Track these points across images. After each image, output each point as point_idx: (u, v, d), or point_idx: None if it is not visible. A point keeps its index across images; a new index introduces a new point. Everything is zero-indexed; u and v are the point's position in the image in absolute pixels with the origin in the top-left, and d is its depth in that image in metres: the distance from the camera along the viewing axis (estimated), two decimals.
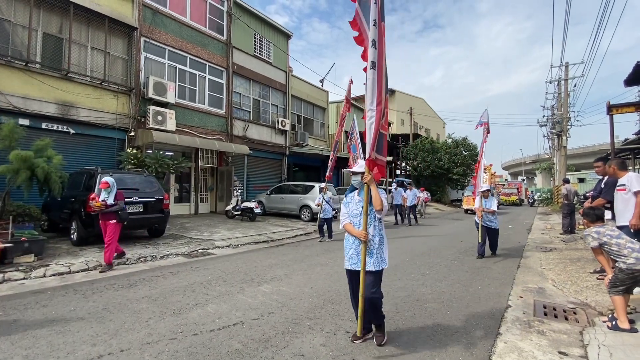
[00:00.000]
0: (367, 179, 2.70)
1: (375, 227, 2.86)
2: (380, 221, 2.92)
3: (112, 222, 5.60)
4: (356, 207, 2.93)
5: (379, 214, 2.83)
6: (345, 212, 3.01)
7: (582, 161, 46.02)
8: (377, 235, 2.87)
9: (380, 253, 2.87)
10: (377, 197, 2.70)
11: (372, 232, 2.83)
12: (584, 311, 3.79)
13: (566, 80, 21.07)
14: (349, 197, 3.04)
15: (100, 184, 5.70)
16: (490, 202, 6.83)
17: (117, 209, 5.64)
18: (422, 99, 38.24)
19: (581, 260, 6.23)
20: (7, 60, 8.58)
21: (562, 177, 20.28)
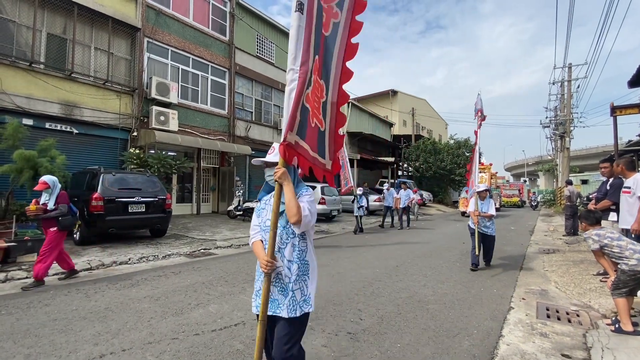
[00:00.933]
0: (277, 174, 1.76)
1: (295, 248, 1.88)
2: (306, 239, 1.93)
3: (52, 230, 4.72)
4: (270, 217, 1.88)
5: (297, 228, 1.82)
6: (257, 225, 2.01)
7: (586, 162, 45.80)
8: (297, 261, 1.86)
9: (301, 289, 1.88)
10: (292, 203, 1.74)
11: (290, 255, 1.86)
12: (587, 313, 3.76)
13: (569, 81, 20.99)
14: (263, 201, 2.04)
15: (38, 184, 4.78)
16: (487, 205, 5.94)
17: (57, 215, 4.71)
18: (424, 100, 38.18)
19: (584, 263, 6.19)
20: (12, 60, 8.63)
21: (565, 178, 20.18)
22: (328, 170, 2.10)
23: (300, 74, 1.78)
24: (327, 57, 2.02)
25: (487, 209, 5.89)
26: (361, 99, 28.82)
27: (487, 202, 5.96)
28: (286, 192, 1.77)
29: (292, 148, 1.78)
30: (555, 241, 9.28)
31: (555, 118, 23.22)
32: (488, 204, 5.95)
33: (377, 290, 4.57)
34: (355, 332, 3.21)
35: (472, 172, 6.53)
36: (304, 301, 1.88)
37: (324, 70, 1.99)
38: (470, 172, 6.62)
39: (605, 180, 5.51)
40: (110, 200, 7.01)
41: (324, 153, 2.02)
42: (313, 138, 1.91)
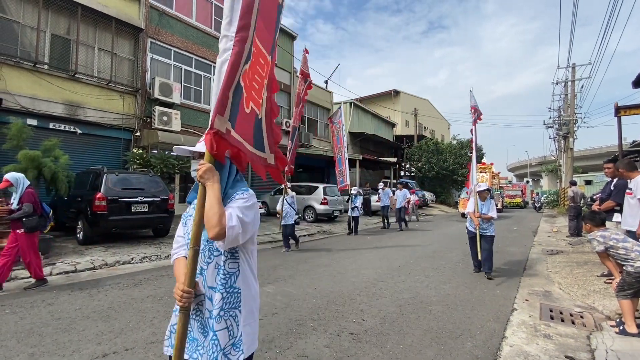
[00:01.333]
0: (199, 172, 1.30)
1: (219, 269, 1.35)
2: (237, 258, 1.39)
3: (20, 232, 4.41)
4: None
5: (221, 244, 1.30)
6: (181, 236, 1.58)
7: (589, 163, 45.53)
8: (221, 288, 1.33)
9: (228, 329, 1.34)
10: (212, 210, 1.24)
11: (212, 280, 1.35)
12: (591, 315, 3.74)
13: (573, 81, 20.88)
14: (192, 205, 1.50)
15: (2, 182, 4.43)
16: (488, 206, 5.51)
17: (20, 216, 4.35)
18: (426, 100, 38.10)
19: (588, 264, 6.15)
20: (16, 61, 8.69)
21: (569, 179, 20.08)
22: (271, 166, 1.70)
23: (236, 42, 1.39)
24: (269, 25, 1.61)
25: (487, 211, 5.46)
26: (363, 99, 28.79)
27: (487, 203, 5.55)
28: (208, 196, 1.27)
29: (221, 137, 1.34)
30: (559, 242, 9.23)
31: (559, 118, 23.09)
32: (489, 205, 5.54)
33: (379, 291, 4.56)
34: (358, 333, 3.21)
35: (471, 170, 6.37)
36: (232, 346, 1.33)
37: (268, 42, 1.60)
38: (469, 171, 6.46)
39: (609, 180, 5.48)
40: (113, 200, 7.04)
41: (263, 146, 1.62)
42: (248, 127, 1.48)
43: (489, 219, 5.45)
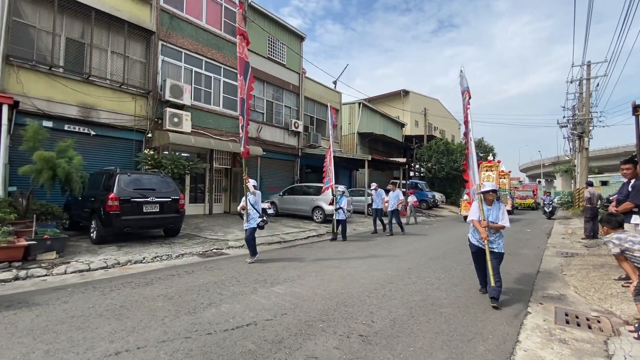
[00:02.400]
0: None
1: None
2: None
3: None
4: None
5: None
6: None
7: (605, 163, 44.38)
8: None
9: None
10: None
11: None
12: (608, 320, 3.63)
13: (588, 79, 20.40)
14: None
15: None
16: (496, 211, 4.23)
17: None
18: (436, 100, 37.73)
19: (605, 267, 5.99)
20: (32, 64, 8.91)
21: (584, 179, 19.60)
22: None
23: None
24: None
25: (495, 218, 4.20)
26: (372, 99, 28.68)
27: (495, 208, 4.28)
28: None
29: None
30: (574, 244, 9.01)
31: (573, 117, 22.58)
32: (497, 210, 4.26)
33: (389, 293, 4.52)
34: (367, 335, 3.18)
35: (469, 167, 4.86)
36: None
37: None
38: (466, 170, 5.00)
39: (626, 181, 5.31)
40: (125, 200, 7.16)
41: None
42: None
43: (499, 229, 4.18)
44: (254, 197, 6.62)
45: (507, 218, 4.14)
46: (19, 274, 4.97)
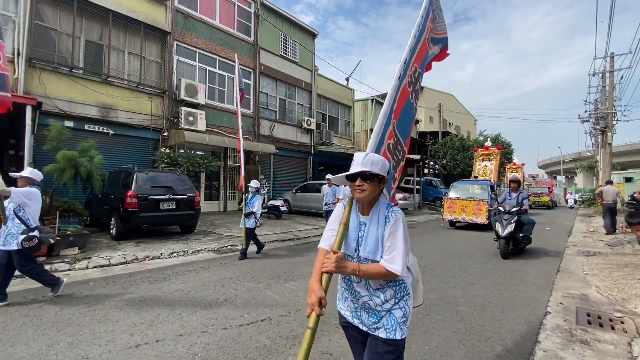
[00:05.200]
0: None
1: None
2: None
3: None
4: None
5: None
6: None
7: (630, 159, 42.64)
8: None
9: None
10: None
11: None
12: (632, 321, 3.50)
13: (611, 72, 19.61)
14: None
15: None
16: (375, 231, 1.53)
17: None
18: (451, 95, 37.06)
19: (629, 266, 5.77)
20: (54, 66, 9.21)
21: (607, 176, 18.90)
22: None
23: None
24: None
25: (372, 248, 1.55)
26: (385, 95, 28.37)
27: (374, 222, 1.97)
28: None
29: None
30: (596, 243, 8.72)
31: (596, 112, 21.78)
32: (379, 228, 1.60)
33: None
34: None
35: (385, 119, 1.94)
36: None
37: None
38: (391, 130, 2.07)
39: None
40: (143, 197, 7.34)
41: None
42: None
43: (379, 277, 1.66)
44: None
45: (401, 251, 1.47)
46: None
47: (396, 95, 1.87)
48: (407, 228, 1.53)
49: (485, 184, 11.87)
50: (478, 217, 10.95)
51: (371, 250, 1.51)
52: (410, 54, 2.02)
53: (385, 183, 1.57)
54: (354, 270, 1.46)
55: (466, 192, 11.66)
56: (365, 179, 1.50)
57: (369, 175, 1.49)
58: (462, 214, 11.32)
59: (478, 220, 10.93)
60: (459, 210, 11.42)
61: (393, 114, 1.85)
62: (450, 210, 11.67)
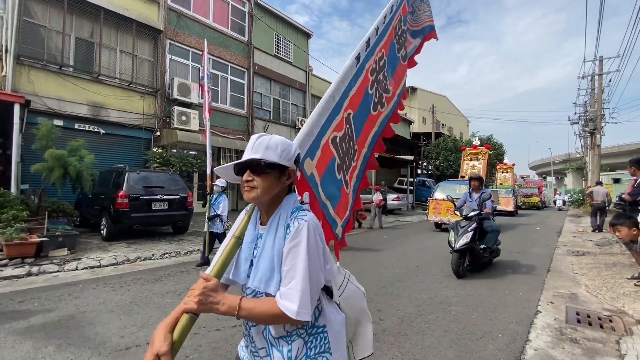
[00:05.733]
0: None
1: None
2: None
3: None
4: None
5: None
6: None
7: (618, 161, 43.47)
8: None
9: None
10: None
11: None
12: (620, 319, 3.56)
13: (600, 75, 19.99)
14: None
15: None
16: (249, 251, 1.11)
17: None
18: (444, 97, 37.38)
19: (617, 266, 5.88)
20: (43, 64, 9.05)
21: (596, 177, 19.23)
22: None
23: None
24: None
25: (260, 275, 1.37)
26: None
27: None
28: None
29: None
30: (585, 243, 8.86)
31: (585, 114, 22.17)
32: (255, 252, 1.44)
33: (397, 291, 4.50)
34: (375, 333, 3.17)
35: None
36: None
37: None
38: None
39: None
40: (135, 197, 7.25)
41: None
42: None
43: None
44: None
45: (301, 279, 0.94)
46: (32, 270, 5.07)
47: (352, 79, 1.52)
48: (321, 242, 1.00)
49: None
50: None
51: (263, 278, 1.01)
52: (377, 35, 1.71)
53: (290, 178, 1.08)
54: (231, 308, 0.93)
55: (453, 193, 10.60)
56: (256, 170, 1.02)
57: (261, 166, 1.01)
58: (447, 216, 10.45)
59: None
60: (444, 212, 10.70)
61: (347, 102, 1.49)
62: (435, 211, 11.00)
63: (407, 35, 2.13)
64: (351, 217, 1.65)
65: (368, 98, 1.69)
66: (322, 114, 1.36)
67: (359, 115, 1.61)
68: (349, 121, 1.53)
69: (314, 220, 1.01)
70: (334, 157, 1.45)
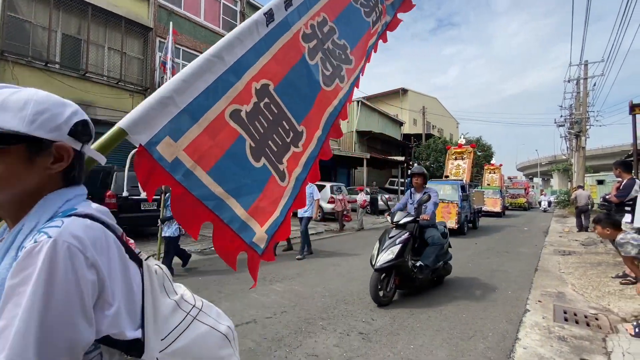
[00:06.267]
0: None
1: None
2: None
3: None
4: None
5: None
6: None
7: (601, 162, 44.65)
8: None
9: None
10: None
11: None
12: (606, 317, 3.65)
13: (585, 79, 20.49)
14: None
15: None
16: None
17: None
18: (435, 99, 37.79)
19: (602, 265, 6.02)
20: (28, 60, 8.82)
21: (581, 178, 19.71)
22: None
23: None
24: None
25: None
26: (371, 98, 28.67)
27: None
28: None
29: None
30: (571, 243, 9.06)
31: (570, 117, 22.69)
32: None
33: None
34: (367, 332, 3.18)
35: None
36: None
37: None
38: None
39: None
40: (123, 197, 7.11)
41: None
42: None
43: None
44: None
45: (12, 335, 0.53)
46: None
47: (262, 43, 1.20)
48: (84, 270, 0.58)
49: (456, 184, 10.79)
50: (447, 220, 9.64)
51: None
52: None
53: (62, 161, 0.69)
54: None
55: None
56: None
57: None
58: None
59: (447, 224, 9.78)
60: None
61: (256, 70, 1.16)
62: None
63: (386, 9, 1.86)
64: (287, 220, 1.28)
65: (309, 70, 1.37)
66: (196, 78, 0.99)
67: (292, 89, 1.29)
68: (269, 94, 1.20)
69: (76, 233, 0.59)
70: (241, 138, 1.10)
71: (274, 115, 1.22)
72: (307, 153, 1.35)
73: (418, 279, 4.15)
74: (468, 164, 12.65)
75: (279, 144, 1.23)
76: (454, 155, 13.60)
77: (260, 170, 1.15)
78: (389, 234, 4.15)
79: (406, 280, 4.16)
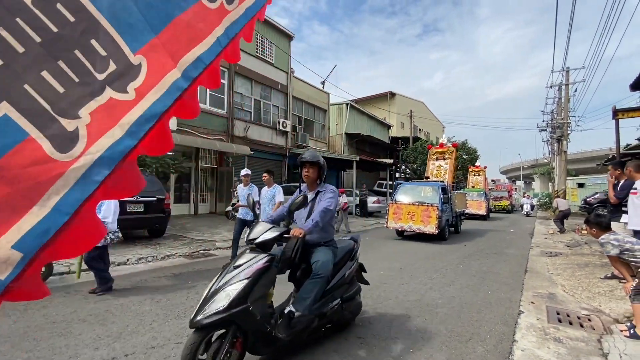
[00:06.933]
0: None
1: None
2: None
3: None
4: None
5: None
6: None
7: (582, 166, 46.18)
8: None
9: None
10: None
11: None
12: (598, 318, 3.70)
13: (567, 85, 21.13)
14: None
15: None
16: None
17: None
18: (421, 102, 38.29)
19: (589, 266, 6.16)
20: None
21: (563, 182, 20.27)
22: None
23: None
24: None
25: None
26: (359, 101, 28.81)
27: None
28: None
29: None
30: (557, 244, 9.26)
31: (552, 122, 23.35)
32: None
33: (384, 294, 4.48)
34: (365, 337, 3.12)
35: None
36: None
37: None
38: None
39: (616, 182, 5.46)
40: None
41: None
42: None
43: None
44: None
45: None
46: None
47: None
48: None
49: (437, 185, 10.06)
50: (426, 225, 9.10)
51: None
52: None
53: None
54: None
55: (416, 195, 9.85)
56: None
57: None
58: (409, 222, 9.39)
59: (426, 229, 9.06)
60: (405, 217, 9.50)
61: None
62: (395, 216, 9.62)
63: None
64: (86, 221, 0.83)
65: None
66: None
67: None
68: None
69: None
70: None
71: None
72: (142, 105, 0.87)
73: (278, 338, 2.41)
74: (450, 165, 11.96)
75: (67, 84, 0.79)
76: (435, 155, 12.92)
77: None
78: (236, 261, 2.50)
79: (260, 341, 2.40)
